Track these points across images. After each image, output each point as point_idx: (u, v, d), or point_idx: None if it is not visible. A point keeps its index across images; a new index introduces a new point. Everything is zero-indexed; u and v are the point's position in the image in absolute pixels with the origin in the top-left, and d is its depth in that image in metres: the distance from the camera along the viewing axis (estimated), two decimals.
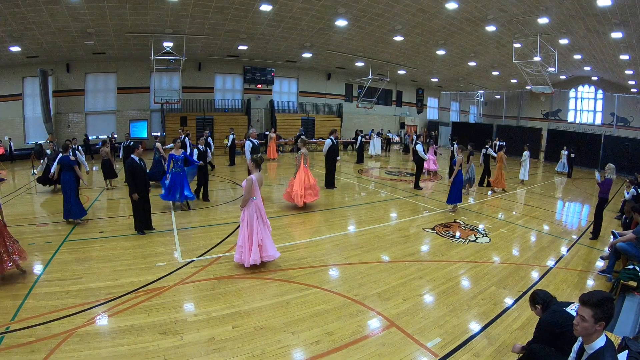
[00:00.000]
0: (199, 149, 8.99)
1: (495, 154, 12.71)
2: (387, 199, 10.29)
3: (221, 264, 5.33)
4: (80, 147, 10.74)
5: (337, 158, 11.05)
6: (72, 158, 7.37)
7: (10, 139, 16.63)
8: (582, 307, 2.17)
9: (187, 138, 12.15)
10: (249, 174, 5.16)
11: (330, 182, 10.99)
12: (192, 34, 16.73)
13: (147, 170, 10.68)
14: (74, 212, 7.02)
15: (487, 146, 12.72)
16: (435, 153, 14.65)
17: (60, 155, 7.42)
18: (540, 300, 3.07)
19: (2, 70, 16.59)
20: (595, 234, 7.47)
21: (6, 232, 4.70)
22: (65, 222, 7.12)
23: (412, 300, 4.52)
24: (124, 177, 10.14)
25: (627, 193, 8.81)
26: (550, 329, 2.87)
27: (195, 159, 8.71)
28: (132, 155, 6.60)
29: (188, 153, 8.98)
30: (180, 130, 14.49)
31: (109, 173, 10.44)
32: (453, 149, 14.07)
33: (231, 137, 15.40)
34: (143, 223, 6.65)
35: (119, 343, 3.44)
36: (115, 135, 16.95)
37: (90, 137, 18.62)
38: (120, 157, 12.65)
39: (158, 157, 10.70)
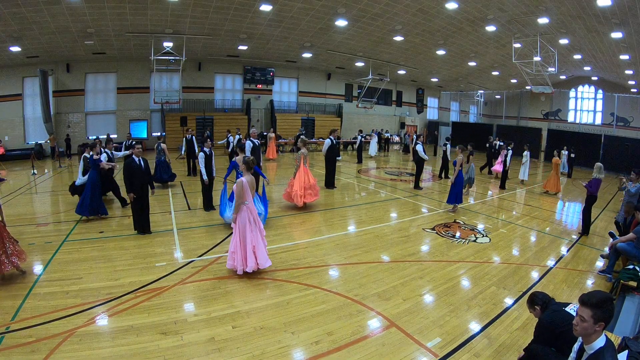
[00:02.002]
0: (205, 152, 8.01)
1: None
2: (387, 199, 10.28)
3: (221, 264, 5.32)
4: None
5: (338, 158, 11.04)
6: (95, 157, 7.45)
7: None
8: (582, 308, 2.17)
9: (194, 137, 12.19)
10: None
11: (330, 182, 10.99)
12: (192, 34, 16.73)
13: (152, 172, 10.75)
14: (89, 209, 7.09)
15: (509, 147, 12.75)
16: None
17: (91, 156, 7.48)
18: (539, 301, 3.08)
19: (2, 70, 16.58)
20: (585, 230, 7.62)
21: (5, 233, 4.70)
22: (65, 222, 7.15)
23: (412, 300, 4.52)
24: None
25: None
26: (550, 329, 2.87)
27: (203, 165, 7.90)
28: (133, 155, 6.45)
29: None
30: (190, 130, 14.65)
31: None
32: (445, 149, 14.00)
33: (237, 137, 15.47)
34: (142, 224, 6.54)
35: (119, 343, 3.44)
36: (112, 136, 17.11)
37: (90, 137, 18.61)
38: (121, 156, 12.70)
39: (163, 159, 10.68)
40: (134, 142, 7.19)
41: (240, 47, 19.25)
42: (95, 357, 3.25)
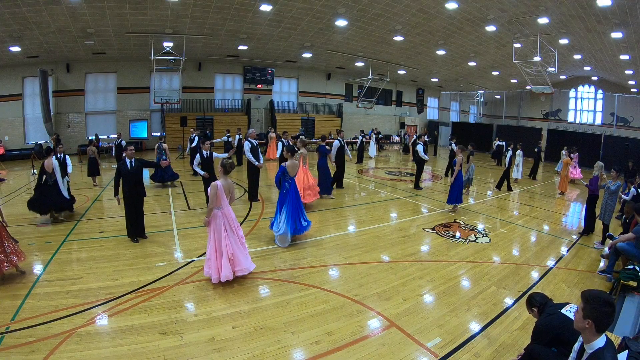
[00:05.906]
0: (202, 155, 7.90)
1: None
2: (387, 199, 10.28)
3: None
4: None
5: (349, 157, 11.13)
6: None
7: None
8: (580, 299, 2.24)
9: (197, 137, 12.21)
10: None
11: (338, 182, 10.98)
12: (192, 34, 16.72)
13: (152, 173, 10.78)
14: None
15: (509, 147, 12.80)
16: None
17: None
18: (537, 303, 3.10)
19: (2, 70, 16.56)
20: (587, 230, 7.62)
21: (5, 234, 4.70)
22: (64, 222, 7.17)
23: (412, 300, 4.52)
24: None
25: (628, 193, 8.80)
26: (546, 333, 2.88)
27: (197, 167, 7.78)
28: (124, 157, 6.19)
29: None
30: (192, 130, 14.75)
31: (93, 171, 10.95)
32: (451, 148, 14.12)
33: (237, 137, 15.47)
34: (135, 230, 6.24)
35: (119, 343, 3.45)
36: (101, 136, 17.57)
37: (90, 137, 18.62)
38: (114, 154, 13.42)
39: (165, 159, 10.68)
40: (122, 142, 6.94)
41: (240, 47, 19.24)
42: (95, 357, 3.25)
